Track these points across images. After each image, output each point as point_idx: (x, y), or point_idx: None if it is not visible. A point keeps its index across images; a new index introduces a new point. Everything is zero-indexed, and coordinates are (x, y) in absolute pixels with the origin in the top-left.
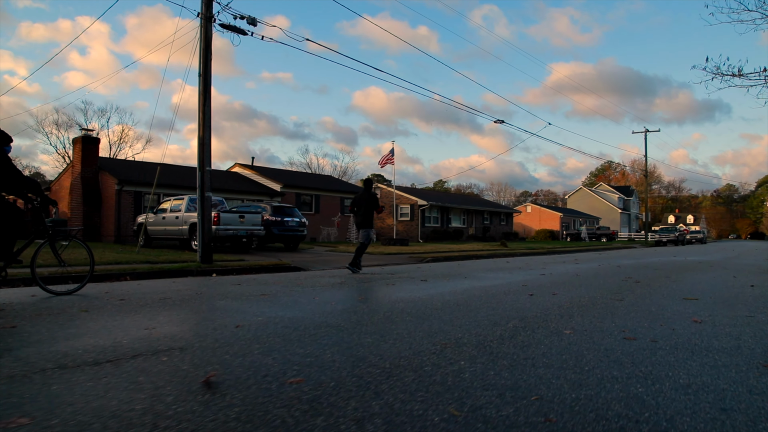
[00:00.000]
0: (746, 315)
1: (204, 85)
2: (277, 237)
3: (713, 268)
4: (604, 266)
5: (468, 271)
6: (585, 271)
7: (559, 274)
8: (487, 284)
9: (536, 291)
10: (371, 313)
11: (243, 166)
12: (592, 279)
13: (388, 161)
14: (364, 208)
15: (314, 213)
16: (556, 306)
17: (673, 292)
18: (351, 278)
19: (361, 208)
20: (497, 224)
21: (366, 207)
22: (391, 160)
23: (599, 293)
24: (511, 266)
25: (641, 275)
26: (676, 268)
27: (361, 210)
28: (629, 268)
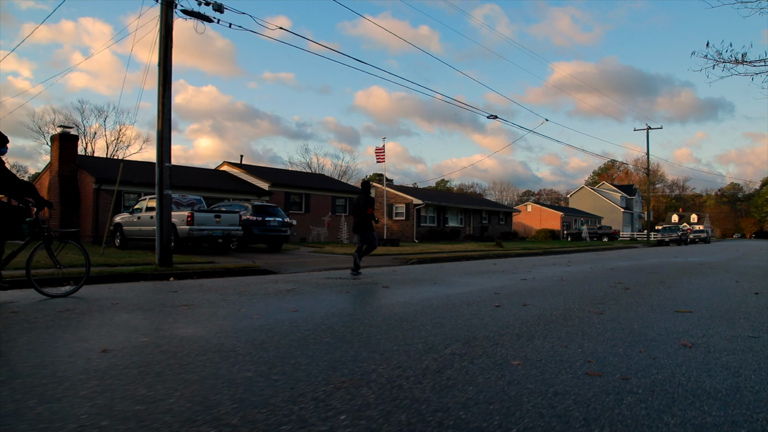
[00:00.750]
0: (749, 335)
1: (164, 75)
2: (258, 237)
3: (714, 270)
4: (597, 269)
5: (445, 274)
6: (573, 275)
7: (542, 279)
8: (454, 291)
9: (506, 301)
10: (286, 332)
11: (231, 164)
12: (577, 285)
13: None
14: (362, 210)
15: (304, 212)
16: (519, 322)
17: (665, 302)
18: (306, 284)
19: (359, 210)
20: (496, 224)
21: (361, 210)
22: (382, 157)
23: (578, 304)
24: (496, 269)
25: (633, 280)
26: (673, 271)
27: (360, 213)
28: (623, 271)
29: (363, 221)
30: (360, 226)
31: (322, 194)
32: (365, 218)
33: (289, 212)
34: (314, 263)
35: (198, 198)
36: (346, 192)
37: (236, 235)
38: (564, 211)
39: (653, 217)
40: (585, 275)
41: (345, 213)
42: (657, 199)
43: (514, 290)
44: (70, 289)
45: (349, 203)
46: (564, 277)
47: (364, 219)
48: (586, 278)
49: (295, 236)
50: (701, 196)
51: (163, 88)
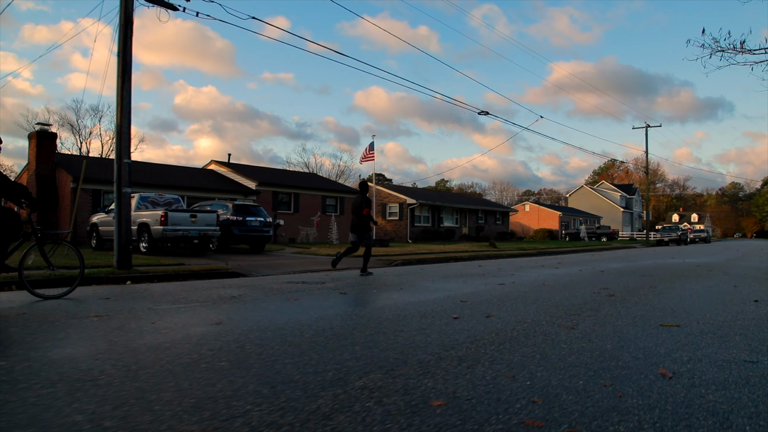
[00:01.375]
0: (745, 358)
1: (123, 66)
2: (238, 238)
3: (712, 273)
4: (586, 272)
5: (419, 279)
6: (557, 279)
7: (522, 283)
8: (417, 299)
9: (469, 311)
10: (182, 353)
11: (219, 163)
12: (558, 290)
13: (369, 158)
14: (359, 211)
15: (293, 212)
16: (470, 340)
17: (651, 312)
18: (261, 289)
19: (355, 211)
20: (492, 224)
21: (359, 210)
22: (371, 156)
23: (550, 314)
24: (478, 271)
25: (621, 285)
26: (668, 274)
27: (356, 213)
28: (613, 274)
29: (361, 222)
30: (358, 226)
31: (311, 193)
32: (363, 219)
33: (278, 212)
34: (291, 265)
35: (176, 197)
36: (337, 191)
37: (213, 235)
38: (562, 211)
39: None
40: (570, 279)
41: (336, 213)
42: (657, 199)
43: (484, 297)
44: (64, 290)
45: (341, 203)
46: (547, 281)
47: (362, 219)
48: (570, 282)
49: (284, 236)
50: (702, 195)
51: (122, 80)
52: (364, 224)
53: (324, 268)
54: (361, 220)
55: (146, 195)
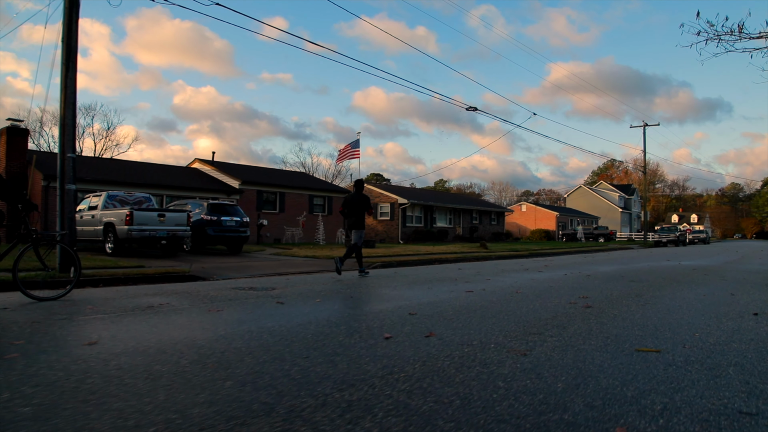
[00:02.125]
0: (740, 407)
1: (67, 52)
2: (212, 238)
3: (708, 277)
4: (571, 276)
5: (384, 284)
6: (535, 286)
7: (493, 291)
8: (362, 311)
9: (411, 328)
10: None
11: (202, 162)
12: (529, 300)
13: (349, 155)
14: (356, 209)
15: (279, 212)
16: (383, 373)
17: (629, 330)
18: (194, 296)
19: (352, 209)
20: (487, 224)
21: (357, 208)
22: (355, 154)
23: (505, 334)
24: (453, 276)
25: (604, 293)
26: (660, 279)
27: (352, 211)
28: (599, 280)
29: (358, 220)
30: (356, 223)
31: (298, 193)
32: (359, 216)
33: (262, 212)
34: (260, 268)
35: (146, 196)
36: (326, 191)
37: (183, 236)
38: (559, 211)
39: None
40: (550, 285)
41: (323, 213)
42: (657, 199)
43: (439, 309)
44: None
45: (329, 202)
46: (522, 288)
47: (359, 216)
48: (548, 289)
49: (268, 237)
50: (702, 196)
51: (66, 67)
52: (359, 222)
53: (295, 271)
54: (357, 218)
55: (114, 193)
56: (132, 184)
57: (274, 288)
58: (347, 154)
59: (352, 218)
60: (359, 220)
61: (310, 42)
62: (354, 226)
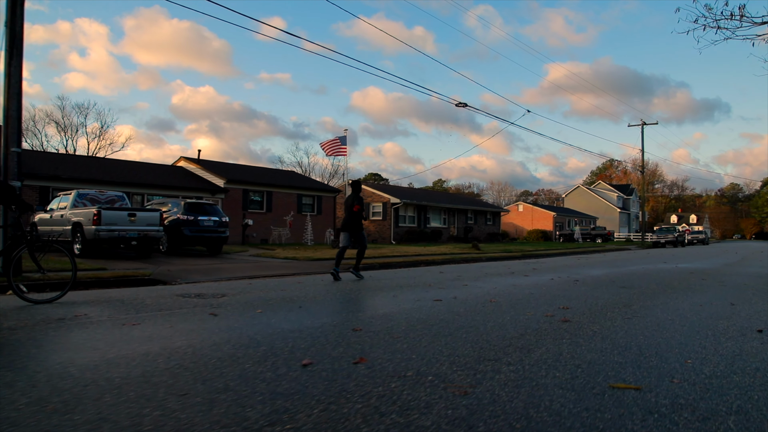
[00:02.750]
0: None
1: (11, 39)
2: (189, 239)
3: (705, 282)
4: (558, 281)
5: (348, 291)
6: (514, 293)
7: (465, 300)
8: (299, 325)
9: (342, 351)
10: None
11: (188, 160)
12: (500, 312)
13: (337, 151)
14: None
15: (266, 212)
16: (267, 423)
17: (607, 355)
18: (119, 307)
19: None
20: (483, 224)
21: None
22: (342, 150)
23: (453, 360)
24: (430, 280)
25: (589, 302)
26: (653, 285)
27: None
28: (588, 285)
29: (353, 220)
30: (349, 225)
31: (286, 192)
32: (354, 217)
33: (248, 211)
34: (231, 271)
35: (120, 194)
36: (315, 190)
37: (156, 236)
38: (557, 212)
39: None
40: (531, 292)
41: (312, 212)
42: (656, 200)
43: (391, 324)
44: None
45: (318, 202)
46: (498, 296)
47: (353, 218)
48: (527, 298)
49: (255, 237)
50: (701, 196)
51: (10, 55)
52: (356, 222)
53: (266, 274)
54: (353, 218)
55: (84, 192)
56: (111, 183)
57: (225, 295)
58: (335, 149)
59: (347, 218)
60: (354, 221)
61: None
62: (344, 228)
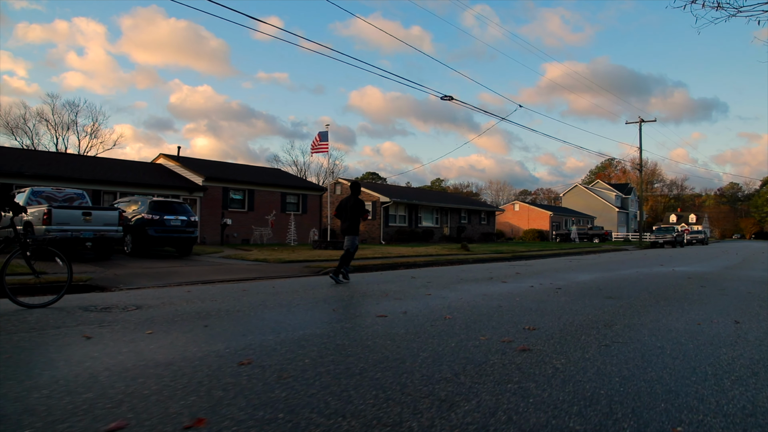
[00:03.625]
0: None
1: None
2: (154, 239)
3: (704, 291)
4: (537, 290)
5: (286, 301)
6: (479, 306)
7: (417, 314)
8: (170, 358)
9: (181, 406)
10: None
11: (167, 157)
12: (449, 335)
13: (318, 148)
14: (350, 213)
15: (247, 211)
16: None
17: (562, 413)
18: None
19: (346, 213)
20: (477, 224)
21: (352, 212)
22: (323, 147)
23: (330, 426)
24: (393, 288)
25: (564, 318)
26: (644, 295)
27: (347, 215)
28: (570, 295)
29: (354, 223)
30: (350, 228)
31: (269, 190)
32: (355, 220)
33: (229, 210)
34: (187, 275)
35: (79, 192)
36: (300, 188)
37: (114, 236)
38: (553, 211)
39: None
40: (499, 305)
41: (297, 212)
42: (655, 199)
43: (297, 353)
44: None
45: (303, 201)
46: (456, 312)
47: (354, 221)
48: (490, 313)
49: (236, 237)
50: (701, 196)
51: None
52: (353, 226)
53: (223, 279)
54: (351, 222)
55: (40, 189)
56: (80, 181)
57: (140, 307)
58: (320, 148)
59: (346, 223)
60: (353, 225)
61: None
62: (347, 231)
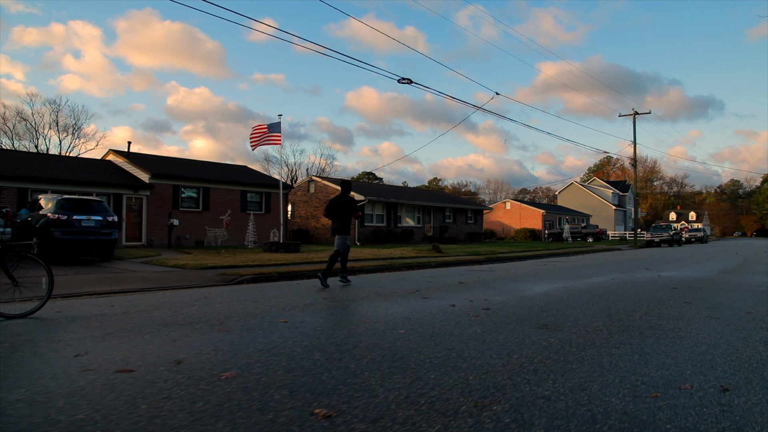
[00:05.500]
0: None
1: None
2: (62, 243)
3: (689, 308)
4: (462, 308)
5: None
6: (328, 344)
7: (287, 347)
8: None
9: None
10: None
11: (117, 153)
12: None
13: (266, 140)
14: (341, 212)
15: (202, 210)
16: None
17: None
18: None
19: (336, 212)
20: (462, 223)
21: (342, 212)
22: (273, 139)
23: None
24: (252, 309)
25: (434, 373)
26: (598, 321)
27: (337, 215)
28: (494, 320)
29: (344, 223)
30: (341, 228)
31: (227, 188)
32: (346, 220)
33: (180, 210)
34: (58, 285)
35: None
36: (263, 186)
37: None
38: (546, 209)
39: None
40: (352, 346)
41: (259, 211)
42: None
43: None
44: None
45: (267, 199)
46: (292, 362)
47: (345, 220)
48: (301, 370)
49: (188, 239)
50: (701, 193)
51: None
52: (344, 226)
53: (101, 291)
54: (342, 222)
55: None
56: (14, 178)
57: None
58: (264, 139)
59: (336, 223)
60: (343, 224)
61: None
62: (337, 231)
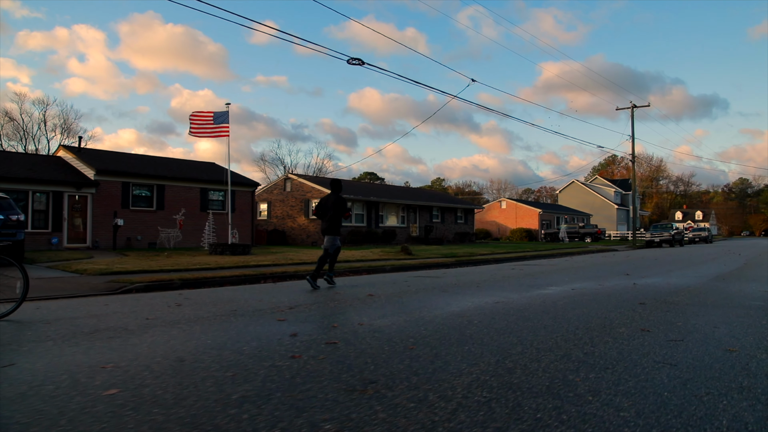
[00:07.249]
0: None
1: None
2: None
3: (644, 337)
4: (302, 342)
5: None
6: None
7: None
8: None
9: None
10: None
11: (66, 149)
12: None
13: (211, 132)
14: (331, 212)
15: (156, 209)
16: None
17: None
18: None
19: (327, 212)
20: (451, 223)
21: (332, 211)
22: (220, 131)
23: None
24: (177, 317)
25: None
26: (499, 367)
27: (327, 215)
28: (335, 369)
29: (334, 222)
30: (330, 227)
31: (184, 186)
32: (336, 219)
33: (131, 209)
34: None
35: None
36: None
37: None
38: (543, 208)
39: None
40: None
41: (221, 210)
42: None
43: None
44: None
45: (232, 198)
46: None
47: (334, 220)
48: None
49: (140, 240)
50: (708, 192)
51: None
52: (334, 226)
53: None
54: (331, 221)
55: None
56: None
57: None
58: (208, 130)
59: (326, 223)
60: (333, 224)
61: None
62: (327, 232)
